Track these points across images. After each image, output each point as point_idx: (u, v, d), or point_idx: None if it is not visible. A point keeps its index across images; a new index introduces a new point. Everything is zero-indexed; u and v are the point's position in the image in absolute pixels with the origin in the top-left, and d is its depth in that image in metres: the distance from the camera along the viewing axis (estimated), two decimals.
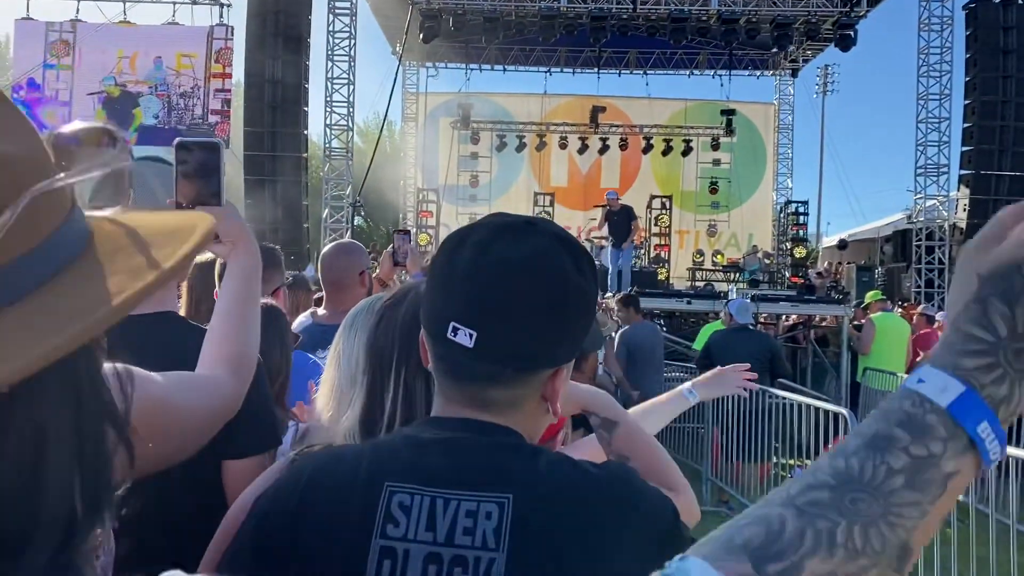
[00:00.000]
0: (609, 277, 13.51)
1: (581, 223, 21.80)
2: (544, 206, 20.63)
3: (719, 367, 2.13)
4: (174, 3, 17.70)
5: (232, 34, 17.46)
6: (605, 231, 18.52)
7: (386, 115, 19.21)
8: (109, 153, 1.64)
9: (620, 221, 13.92)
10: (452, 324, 0.93)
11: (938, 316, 11.71)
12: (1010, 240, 0.60)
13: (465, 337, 0.92)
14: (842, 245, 22.26)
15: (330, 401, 1.25)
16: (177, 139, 1.39)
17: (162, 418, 1.05)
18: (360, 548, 0.88)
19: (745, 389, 2.10)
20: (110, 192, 1.41)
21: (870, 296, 10.76)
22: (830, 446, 6.01)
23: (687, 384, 2.02)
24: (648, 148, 22.13)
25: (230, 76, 17.37)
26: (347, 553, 0.89)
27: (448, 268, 0.97)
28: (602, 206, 14.19)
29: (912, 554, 0.55)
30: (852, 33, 17.77)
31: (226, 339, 1.36)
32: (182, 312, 2.09)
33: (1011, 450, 4.48)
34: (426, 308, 1.00)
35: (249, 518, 0.98)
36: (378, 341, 1.21)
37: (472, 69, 22.52)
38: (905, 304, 14.38)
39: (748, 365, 2.12)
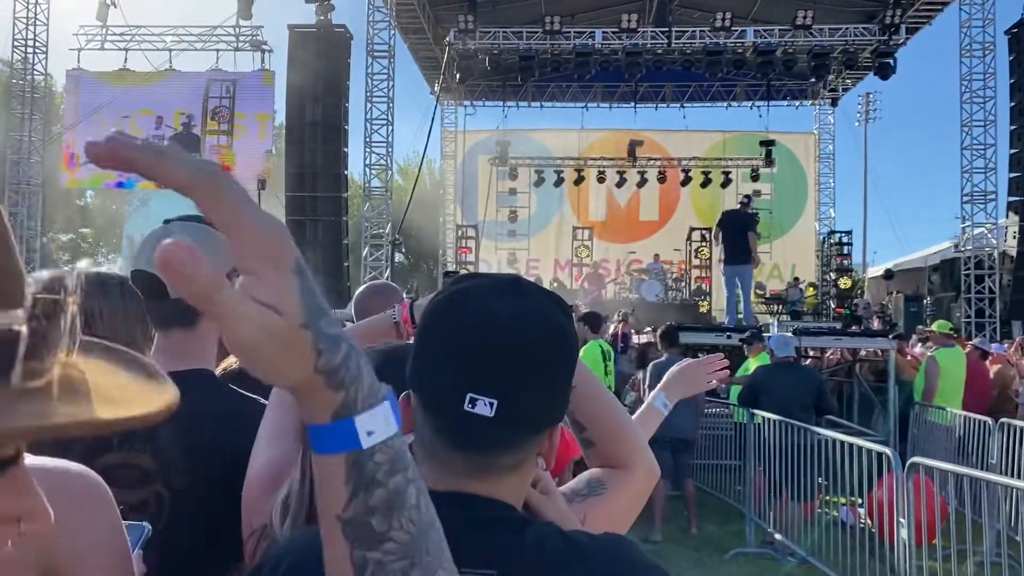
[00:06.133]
0: (727, 307, 11.59)
1: (620, 256, 21.73)
2: (583, 240, 20.61)
3: (678, 364, 2.03)
4: (217, 50, 18.22)
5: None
6: (646, 264, 18.27)
7: (424, 153, 19.45)
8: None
9: (738, 230, 11.17)
10: (469, 396, 0.86)
11: (992, 348, 11.33)
12: None
13: (485, 407, 0.86)
14: (888, 275, 21.83)
15: None
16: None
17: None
18: None
19: (718, 381, 2.01)
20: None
21: (938, 327, 9.85)
22: (875, 485, 5.84)
23: (658, 392, 1.88)
24: (687, 180, 22.02)
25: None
26: None
27: (448, 334, 0.91)
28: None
29: None
30: (891, 61, 17.57)
31: None
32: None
33: None
34: (428, 381, 0.91)
35: None
36: None
37: (509, 106, 22.73)
38: (955, 335, 13.90)
39: (721, 355, 2.03)
